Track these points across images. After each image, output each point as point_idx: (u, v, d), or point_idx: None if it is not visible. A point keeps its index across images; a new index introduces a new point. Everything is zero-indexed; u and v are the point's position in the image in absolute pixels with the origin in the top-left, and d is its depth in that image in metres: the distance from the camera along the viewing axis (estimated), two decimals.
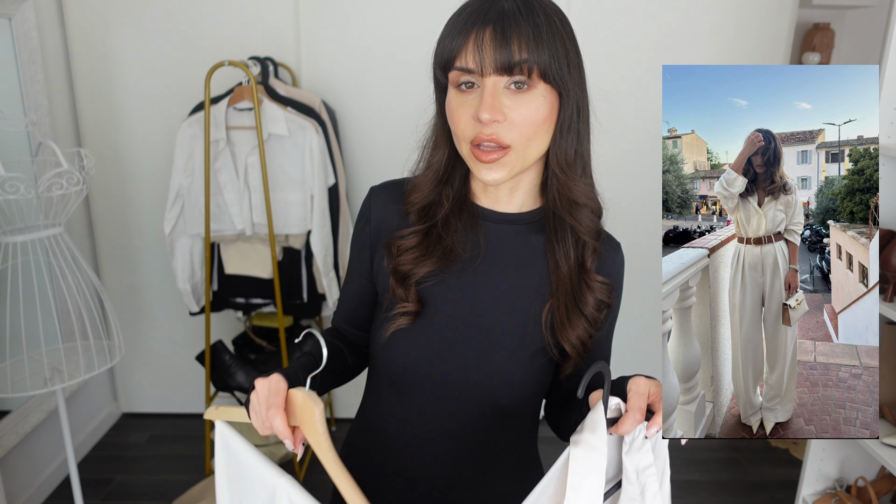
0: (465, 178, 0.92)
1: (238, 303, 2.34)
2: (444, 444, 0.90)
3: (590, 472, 0.70)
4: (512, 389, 0.87)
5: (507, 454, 0.93)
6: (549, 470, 0.74)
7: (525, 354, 0.87)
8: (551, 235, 0.89)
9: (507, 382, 0.87)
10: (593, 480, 0.70)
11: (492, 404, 0.87)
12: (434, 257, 0.88)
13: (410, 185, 0.93)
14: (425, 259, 0.88)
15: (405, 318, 0.87)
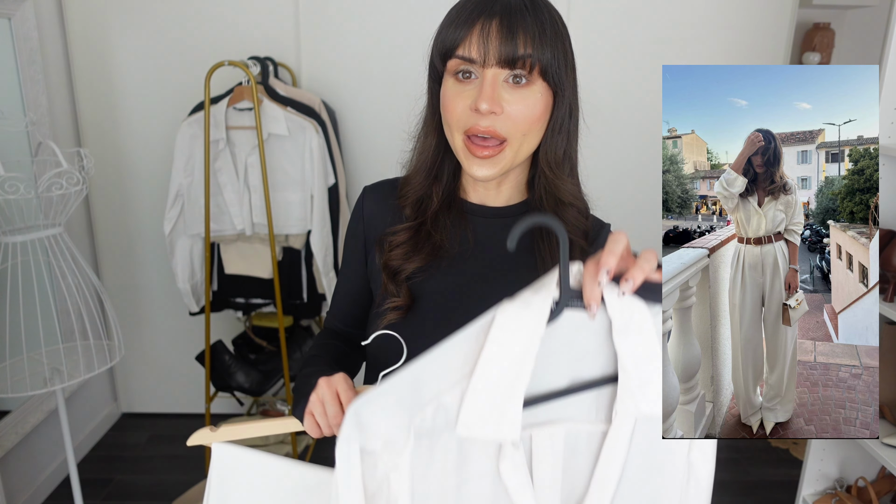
0: (454, 175, 0.93)
1: (238, 303, 2.34)
2: None
3: (520, 330, 0.61)
4: None
5: None
6: (472, 324, 0.63)
7: None
8: (536, 232, 0.90)
9: None
10: (523, 339, 0.61)
11: None
12: (423, 253, 0.89)
13: (403, 179, 0.94)
14: (414, 255, 0.89)
15: (395, 312, 0.88)
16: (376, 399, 0.62)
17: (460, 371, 0.62)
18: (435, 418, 0.63)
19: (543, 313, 0.61)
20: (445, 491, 0.65)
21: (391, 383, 0.62)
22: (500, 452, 0.64)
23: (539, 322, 0.61)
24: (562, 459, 0.66)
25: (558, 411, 0.66)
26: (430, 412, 0.62)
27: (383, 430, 0.62)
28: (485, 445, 0.64)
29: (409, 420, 0.62)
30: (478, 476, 0.66)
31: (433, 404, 0.62)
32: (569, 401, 0.66)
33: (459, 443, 0.64)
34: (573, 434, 0.66)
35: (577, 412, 0.66)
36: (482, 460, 0.65)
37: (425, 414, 0.62)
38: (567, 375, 0.65)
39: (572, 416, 0.66)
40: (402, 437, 0.62)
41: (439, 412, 0.63)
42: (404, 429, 0.62)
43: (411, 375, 0.62)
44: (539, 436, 0.66)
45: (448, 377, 0.62)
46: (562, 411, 0.66)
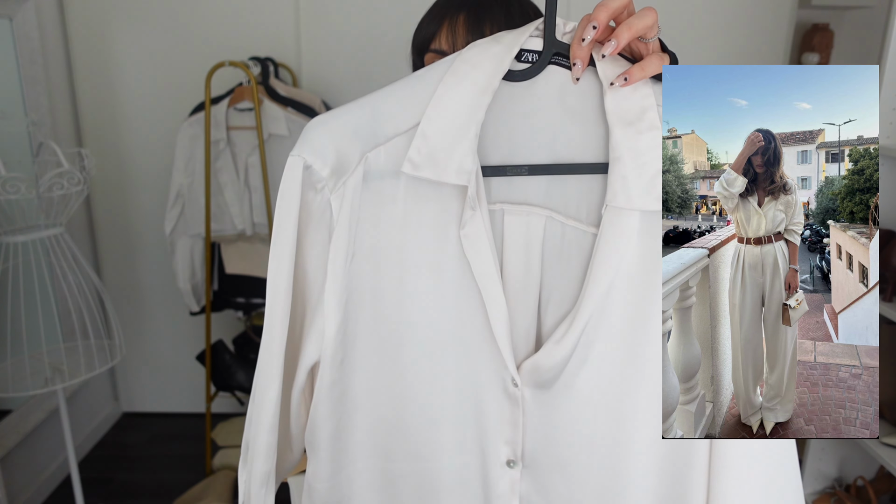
0: None
1: (238, 302, 2.35)
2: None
3: (482, 64, 0.56)
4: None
5: None
6: (442, 60, 0.59)
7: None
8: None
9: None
10: (484, 73, 0.55)
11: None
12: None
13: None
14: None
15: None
16: (331, 120, 0.59)
17: (422, 109, 0.58)
18: (388, 159, 0.59)
19: (512, 50, 0.55)
20: (389, 247, 0.61)
21: (349, 108, 0.59)
22: (462, 218, 0.59)
23: (504, 57, 0.55)
24: (541, 248, 0.60)
25: (538, 195, 0.60)
26: (385, 151, 0.59)
27: (332, 156, 0.59)
28: (444, 208, 0.59)
29: (360, 152, 0.59)
30: (427, 243, 0.60)
31: (390, 143, 0.59)
32: (552, 187, 0.59)
33: (414, 199, 0.59)
34: (558, 227, 0.60)
35: (561, 203, 0.60)
36: (437, 225, 0.59)
37: (379, 153, 0.59)
38: (548, 150, 0.59)
39: (556, 206, 0.60)
40: (351, 166, 0.59)
41: (393, 152, 0.59)
42: (355, 158, 0.59)
43: (371, 106, 0.58)
44: (513, 213, 0.60)
45: (407, 115, 0.58)
46: (543, 196, 0.60)
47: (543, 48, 0.55)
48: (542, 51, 0.56)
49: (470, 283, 0.60)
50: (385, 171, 0.59)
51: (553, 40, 0.55)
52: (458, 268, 0.60)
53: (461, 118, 0.56)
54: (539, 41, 0.57)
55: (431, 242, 0.61)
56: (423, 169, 0.57)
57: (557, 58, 0.56)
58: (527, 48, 0.58)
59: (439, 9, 0.82)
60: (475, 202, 0.57)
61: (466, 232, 0.58)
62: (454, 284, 0.61)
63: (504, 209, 0.60)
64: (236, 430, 2.39)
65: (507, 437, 0.65)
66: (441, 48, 0.80)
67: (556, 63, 0.57)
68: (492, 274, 0.59)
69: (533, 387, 0.63)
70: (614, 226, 0.58)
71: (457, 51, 0.78)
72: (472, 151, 0.56)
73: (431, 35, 0.81)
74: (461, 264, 0.60)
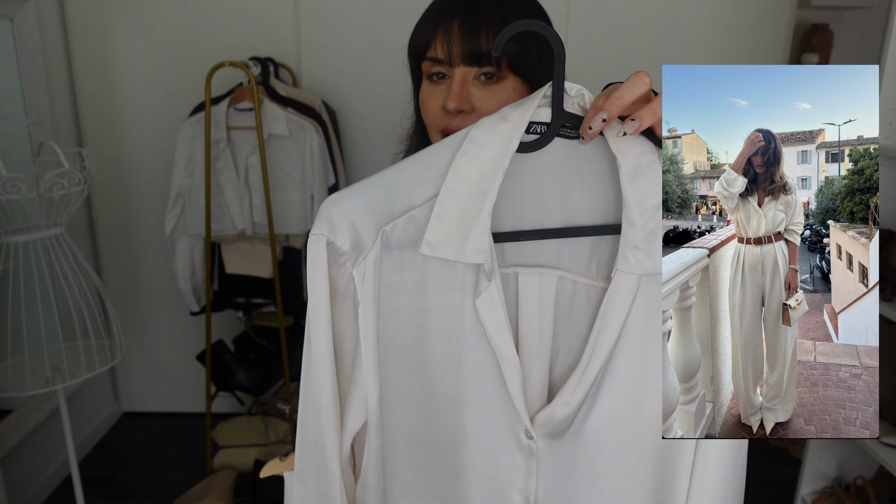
0: None
1: (239, 302, 2.35)
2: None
3: (491, 143, 0.57)
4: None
5: None
6: (449, 137, 0.60)
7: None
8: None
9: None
10: (493, 152, 0.56)
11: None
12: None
13: None
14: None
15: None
16: (346, 199, 0.61)
17: (434, 185, 0.60)
18: (405, 231, 0.61)
19: (520, 128, 0.57)
20: (411, 310, 0.64)
21: (362, 186, 0.61)
22: (477, 288, 0.61)
23: (513, 136, 0.57)
24: (553, 306, 0.63)
25: (550, 256, 0.63)
26: (402, 224, 0.61)
27: (350, 232, 0.61)
28: (460, 278, 0.62)
29: (376, 227, 0.61)
30: (446, 308, 0.63)
31: (405, 217, 0.61)
32: (563, 248, 0.62)
33: (432, 267, 0.62)
34: (569, 285, 0.63)
35: (572, 262, 0.63)
36: (454, 292, 0.62)
37: (395, 225, 0.61)
38: (559, 215, 0.61)
39: (567, 265, 0.63)
40: (369, 241, 0.61)
41: (409, 225, 0.61)
42: (372, 233, 0.61)
43: (383, 184, 0.60)
44: (527, 274, 0.63)
45: (421, 190, 0.60)
46: (555, 257, 0.63)
47: (552, 120, 0.57)
48: (550, 122, 0.57)
49: (485, 344, 0.64)
50: (402, 242, 0.62)
51: (561, 112, 0.56)
52: (475, 330, 0.64)
53: (473, 201, 0.58)
54: (546, 111, 0.58)
55: (449, 307, 0.64)
56: (440, 250, 0.60)
57: (565, 130, 0.57)
58: (535, 120, 0.59)
59: (433, 15, 0.80)
60: (490, 274, 0.60)
61: (482, 300, 0.61)
62: (471, 345, 0.65)
63: (518, 272, 0.64)
64: (236, 430, 2.40)
65: (521, 485, 0.69)
66: (437, 56, 0.78)
67: (564, 136, 0.58)
68: (505, 337, 0.62)
69: (546, 437, 0.67)
70: (622, 285, 0.61)
71: (453, 59, 0.77)
72: (486, 231, 0.59)
73: (427, 42, 0.79)
74: (477, 327, 0.63)
